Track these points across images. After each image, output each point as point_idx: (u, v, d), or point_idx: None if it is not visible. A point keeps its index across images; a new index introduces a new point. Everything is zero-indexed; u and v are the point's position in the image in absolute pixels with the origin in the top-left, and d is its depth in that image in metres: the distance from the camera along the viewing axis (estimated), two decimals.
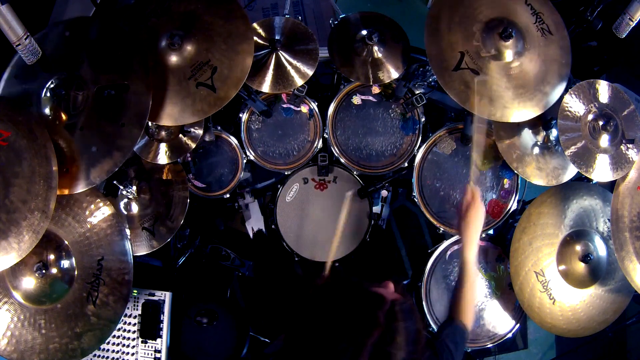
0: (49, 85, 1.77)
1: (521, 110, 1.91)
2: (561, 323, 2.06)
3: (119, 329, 2.11)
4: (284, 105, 2.40)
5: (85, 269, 1.83)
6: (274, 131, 2.42)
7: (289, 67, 2.17)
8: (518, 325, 2.29)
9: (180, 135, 2.14)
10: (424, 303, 2.29)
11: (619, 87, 1.99)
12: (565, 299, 2.06)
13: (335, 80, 2.57)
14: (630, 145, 1.94)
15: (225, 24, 1.92)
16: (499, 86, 1.90)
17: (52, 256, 1.82)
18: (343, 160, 2.39)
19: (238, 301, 2.85)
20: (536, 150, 2.13)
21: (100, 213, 1.89)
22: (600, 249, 2.09)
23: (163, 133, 2.12)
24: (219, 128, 2.36)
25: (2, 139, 1.57)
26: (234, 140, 2.39)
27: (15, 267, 1.71)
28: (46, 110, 1.77)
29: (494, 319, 2.30)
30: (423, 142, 2.35)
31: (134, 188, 2.06)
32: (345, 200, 2.08)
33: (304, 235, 2.44)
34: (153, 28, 1.92)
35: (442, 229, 2.33)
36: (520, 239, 2.07)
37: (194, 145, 2.14)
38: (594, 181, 2.01)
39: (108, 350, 2.10)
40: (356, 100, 2.40)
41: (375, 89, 2.38)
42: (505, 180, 2.32)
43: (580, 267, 2.06)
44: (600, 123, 1.90)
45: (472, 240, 1.71)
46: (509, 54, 1.90)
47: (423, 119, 2.36)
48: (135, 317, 2.11)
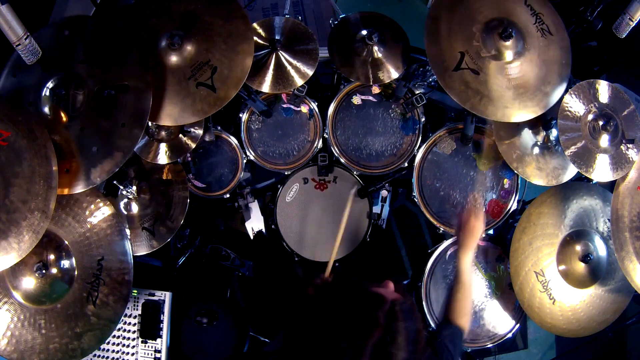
0: (49, 85, 1.77)
1: (522, 110, 1.91)
2: (561, 323, 2.06)
3: (119, 329, 2.11)
4: (284, 105, 2.40)
5: (85, 269, 1.83)
6: (274, 131, 2.42)
7: (289, 67, 2.17)
8: (518, 325, 2.29)
9: (180, 135, 2.14)
10: (424, 303, 2.29)
11: (619, 87, 1.99)
12: (565, 299, 2.06)
13: (335, 80, 2.57)
14: (630, 145, 1.94)
15: (225, 24, 1.92)
16: (499, 86, 1.90)
17: (52, 256, 1.82)
18: (343, 160, 2.39)
19: (238, 301, 2.85)
20: (536, 150, 2.13)
21: (100, 213, 1.89)
22: (600, 249, 2.09)
23: (163, 133, 2.12)
24: (219, 128, 2.36)
25: (2, 139, 1.57)
26: (234, 140, 2.39)
27: (15, 267, 1.71)
28: (46, 109, 1.77)
29: (494, 319, 2.30)
30: (423, 142, 2.35)
31: (134, 188, 2.06)
32: (349, 196, 2.03)
33: (304, 235, 2.44)
34: (153, 28, 1.92)
35: (442, 229, 2.33)
36: (520, 239, 2.07)
37: (194, 145, 2.14)
38: (594, 181, 2.01)
39: (108, 350, 2.10)
40: (356, 100, 2.40)
41: (375, 89, 2.38)
42: (505, 180, 2.32)
43: (580, 267, 2.06)
44: (600, 123, 1.90)
45: (469, 248, 1.73)
46: (509, 54, 1.90)
47: (423, 119, 2.36)
48: (135, 317, 2.11)
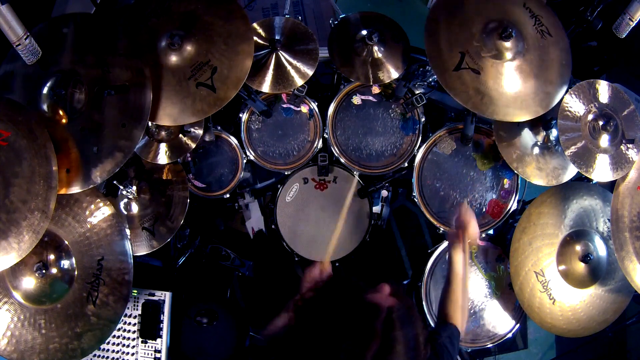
0: (49, 84, 1.77)
1: (523, 110, 1.91)
2: (561, 323, 2.06)
3: (119, 329, 2.11)
4: (284, 105, 2.40)
5: (85, 269, 1.84)
6: (274, 131, 2.42)
7: (289, 67, 2.17)
8: (518, 325, 2.29)
9: (180, 135, 2.14)
10: (424, 303, 2.29)
11: (619, 87, 1.99)
12: (565, 299, 2.06)
13: (335, 80, 2.57)
14: (630, 145, 1.94)
15: (225, 24, 1.92)
16: (500, 86, 1.90)
17: (52, 256, 1.82)
18: (343, 160, 2.39)
19: (238, 301, 2.85)
20: (536, 150, 2.13)
21: (100, 213, 1.89)
22: (600, 249, 2.09)
23: (163, 133, 2.12)
24: (219, 128, 2.36)
25: (2, 139, 1.57)
26: (234, 140, 2.39)
27: (15, 267, 1.71)
28: (45, 109, 1.77)
29: (494, 319, 2.30)
30: (423, 142, 2.35)
31: (134, 188, 2.06)
32: (350, 191, 2.02)
33: (304, 235, 2.44)
34: (153, 28, 1.92)
35: (442, 229, 2.33)
36: (520, 239, 2.07)
37: (194, 145, 2.14)
38: (594, 181, 2.01)
39: (108, 350, 2.10)
40: (356, 100, 2.40)
41: (375, 89, 2.38)
42: (505, 180, 2.32)
43: (580, 267, 2.06)
44: (600, 123, 1.90)
45: (458, 248, 1.71)
46: (509, 54, 1.90)
47: (423, 119, 2.36)
48: (135, 317, 2.11)
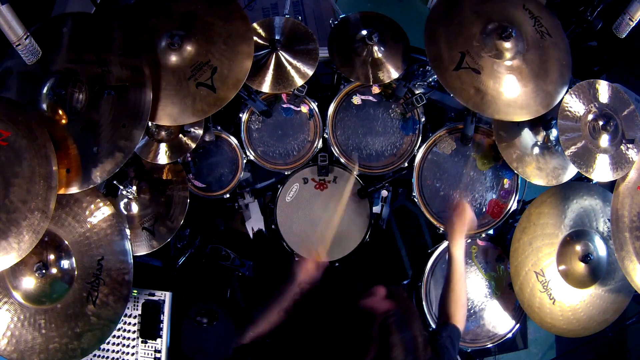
0: (48, 84, 1.76)
1: (523, 109, 1.91)
2: (561, 323, 2.06)
3: (119, 329, 2.11)
4: (284, 105, 2.40)
5: (85, 269, 1.84)
6: (274, 131, 2.42)
7: (289, 67, 2.17)
8: (518, 325, 2.29)
9: (180, 135, 2.14)
10: (424, 303, 2.29)
11: (619, 87, 1.99)
12: (565, 299, 2.06)
13: (335, 80, 2.56)
14: (630, 145, 1.94)
15: (225, 24, 1.92)
16: (500, 85, 1.90)
17: (52, 256, 1.82)
18: (343, 160, 2.40)
19: (238, 301, 2.85)
20: (536, 150, 2.13)
21: (100, 213, 1.89)
22: (600, 249, 2.09)
23: (163, 133, 2.12)
24: (219, 128, 2.36)
25: (2, 139, 1.57)
26: (234, 140, 2.39)
27: (15, 267, 1.71)
28: (45, 109, 1.76)
29: (494, 319, 2.30)
30: (423, 142, 2.35)
31: (134, 188, 2.06)
32: (348, 186, 2.01)
33: (304, 235, 2.44)
34: (153, 28, 1.92)
35: (442, 229, 2.32)
36: (520, 239, 2.07)
37: (194, 145, 2.14)
38: (594, 181, 2.01)
39: (108, 350, 2.10)
40: (356, 100, 2.40)
41: (375, 89, 2.38)
42: (505, 180, 2.32)
43: (580, 267, 2.06)
44: (600, 123, 1.90)
45: (458, 234, 1.74)
46: (509, 54, 1.90)
47: (423, 119, 2.36)
48: (135, 317, 2.11)
